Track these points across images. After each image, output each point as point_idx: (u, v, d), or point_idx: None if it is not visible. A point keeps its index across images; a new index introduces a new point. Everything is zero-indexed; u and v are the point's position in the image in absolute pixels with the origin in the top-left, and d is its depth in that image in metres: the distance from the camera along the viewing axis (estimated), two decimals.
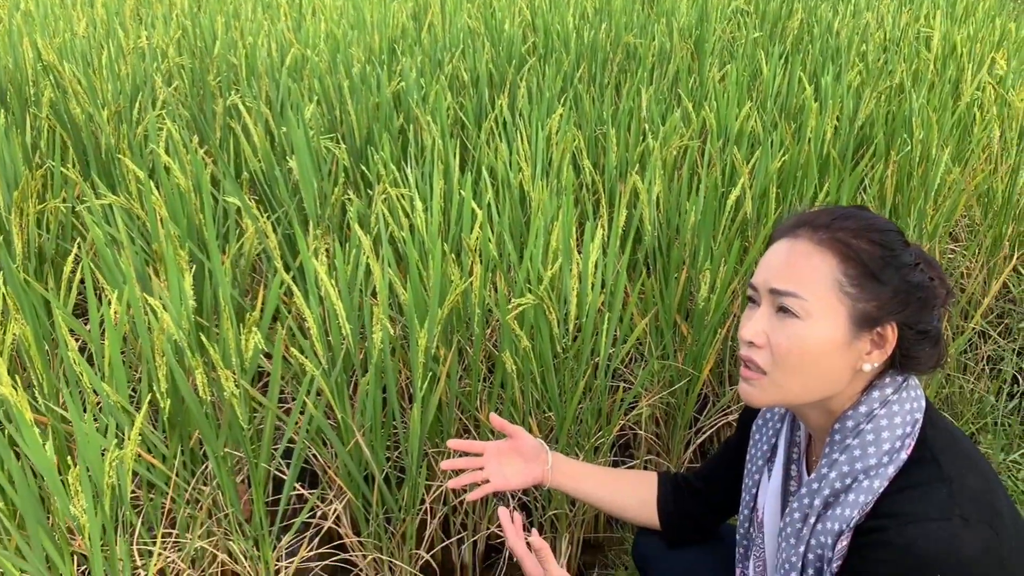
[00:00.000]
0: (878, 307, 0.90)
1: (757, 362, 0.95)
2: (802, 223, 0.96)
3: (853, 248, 0.91)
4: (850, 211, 0.96)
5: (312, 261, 1.50)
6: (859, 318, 0.91)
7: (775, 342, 0.93)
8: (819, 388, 0.94)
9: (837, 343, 0.91)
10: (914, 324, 0.92)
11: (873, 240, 0.92)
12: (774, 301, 0.94)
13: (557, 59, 3.33)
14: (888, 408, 0.93)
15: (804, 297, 0.91)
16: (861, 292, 0.90)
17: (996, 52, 3.90)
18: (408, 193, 2.04)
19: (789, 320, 0.92)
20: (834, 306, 0.91)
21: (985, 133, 2.90)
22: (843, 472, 0.93)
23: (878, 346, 0.93)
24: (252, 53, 3.24)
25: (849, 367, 0.93)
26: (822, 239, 0.92)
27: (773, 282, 0.94)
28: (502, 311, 1.68)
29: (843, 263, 0.91)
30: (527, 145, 2.39)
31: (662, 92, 3.20)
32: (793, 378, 0.94)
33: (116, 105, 2.34)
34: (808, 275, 0.92)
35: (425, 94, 2.75)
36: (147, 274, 1.72)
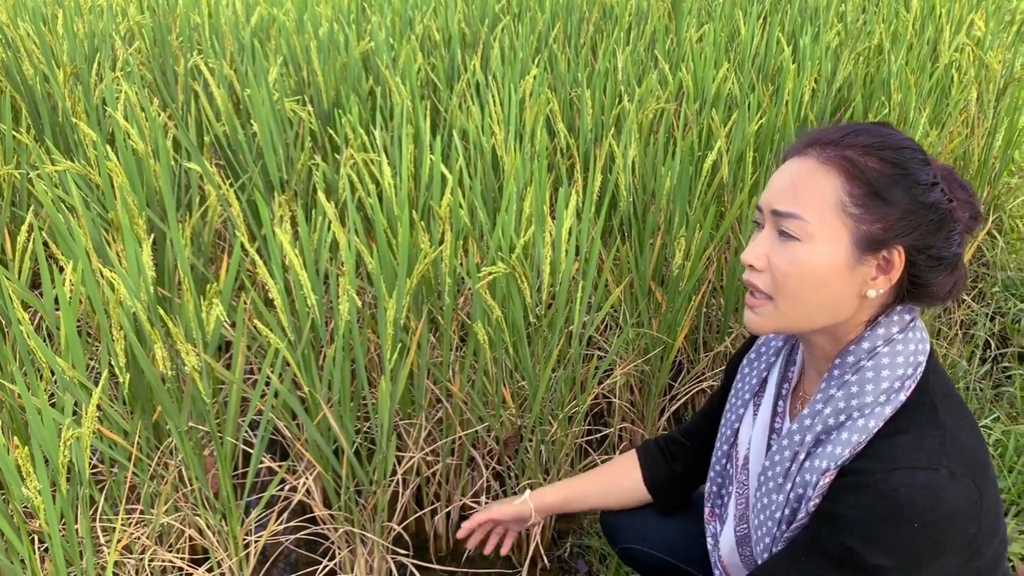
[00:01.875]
0: (883, 229, 0.86)
1: (758, 286, 0.92)
2: (813, 141, 0.91)
3: (859, 166, 0.86)
4: (866, 127, 0.91)
5: (275, 231, 1.45)
6: (863, 240, 0.86)
7: (775, 265, 0.90)
8: (823, 314, 0.90)
9: (839, 266, 0.87)
10: (925, 248, 0.87)
11: (884, 158, 0.87)
12: (776, 223, 0.90)
13: (531, 18, 3.25)
14: (891, 347, 0.90)
15: (805, 218, 0.87)
16: (865, 212, 0.86)
17: (975, 13, 3.87)
18: (376, 158, 1.98)
19: (790, 243, 0.89)
20: (836, 228, 0.87)
21: (963, 95, 2.87)
22: (838, 408, 0.90)
23: (884, 271, 0.88)
24: (216, 12, 3.12)
25: (854, 293, 0.89)
26: (828, 157, 0.88)
27: (775, 203, 0.90)
28: (473, 280, 1.64)
29: (848, 182, 0.86)
30: (500, 108, 2.33)
31: (639, 53, 3.14)
32: (795, 303, 0.90)
33: (72, 66, 2.24)
34: (810, 195, 0.88)
35: (395, 55, 2.67)
36: (105, 243, 1.66)
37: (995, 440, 1.99)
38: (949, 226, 0.87)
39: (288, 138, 2.22)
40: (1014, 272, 2.75)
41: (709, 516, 1.14)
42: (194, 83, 2.51)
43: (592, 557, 1.90)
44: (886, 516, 0.83)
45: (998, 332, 2.53)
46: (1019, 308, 2.54)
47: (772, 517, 0.96)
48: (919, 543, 0.83)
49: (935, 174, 0.87)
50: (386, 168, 1.91)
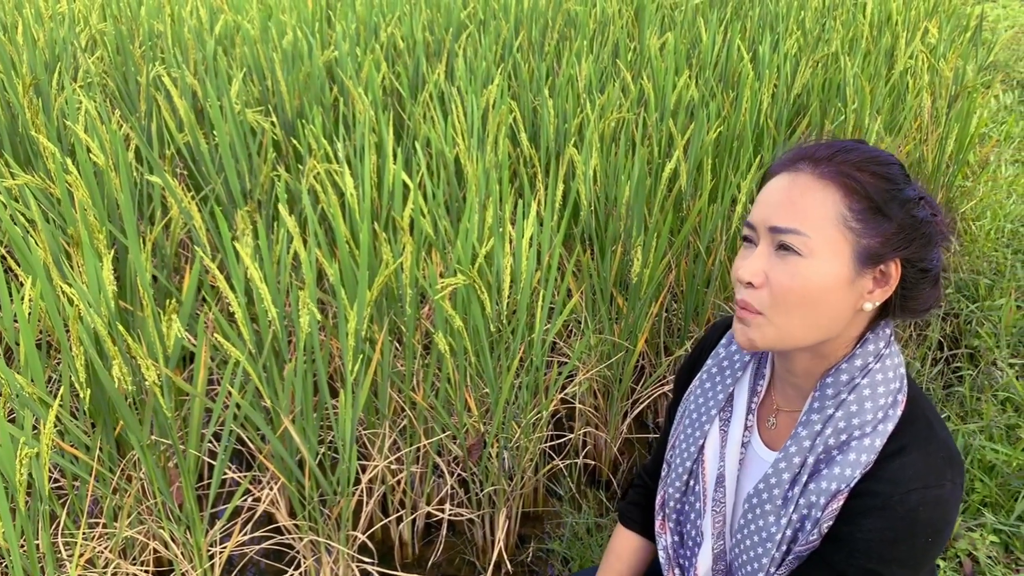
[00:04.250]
0: (883, 243, 0.87)
1: (753, 304, 0.91)
2: (802, 156, 0.92)
3: (858, 181, 0.87)
4: (850, 144, 0.92)
5: (235, 247, 1.46)
6: (863, 254, 0.87)
7: (775, 281, 0.89)
8: (820, 328, 0.90)
9: (840, 280, 0.87)
10: (917, 261, 0.89)
11: (877, 173, 0.88)
12: (774, 239, 0.89)
13: (496, 26, 3.27)
14: (881, 362, 0.91)
15: (806, 234, 0.87)
16: (866, 227, 0.87)
17: (930, 20, 3.96)
18: (339, 169, 2.00)
19: (791, 258, 0.88)
20: (838, 242, 0.87)
21: (917, 101, 2.94)
22: (839, 428, 0.90)
23: (881, 284, 0.89)
24: (179, 22, 3.12)
25: (851, 306, 0.89)
26: (824, 172, 0.88)
27: (773, 219, 0.89)
28: (433, 292, 1.67)
29: (847, 197, 0.87)
30: (463, 118, 2.36)
31: (602, 60, 3.18)
32: (793, 318, 0.89)
33: (32, 77, 2.23)
34: (810, 210, 0.87)
35: (360, 64, 2.69)
36: (65, 258, 1.66)
37: None
38: (936, 240, 0.89)
39: (251, 148, 2.23)
40: (967, 274, 2.82)
41: (660, 528, 1.12)
42: (157, 93, 2.50)
43: (555, 560, 1.94)
44: (904, 535, 0.86)
45: (950, 333, 2.60)
46: (970, 310, 2.61)
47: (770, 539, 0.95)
48: (929, 552, 0.88)
49: (917, 189, 0.90)
50: (348, 179, 1.93)
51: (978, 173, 3.52)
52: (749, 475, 1.02)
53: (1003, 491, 1.89)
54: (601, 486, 2.18)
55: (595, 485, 2.18)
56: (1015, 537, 1.79)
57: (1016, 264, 2.86)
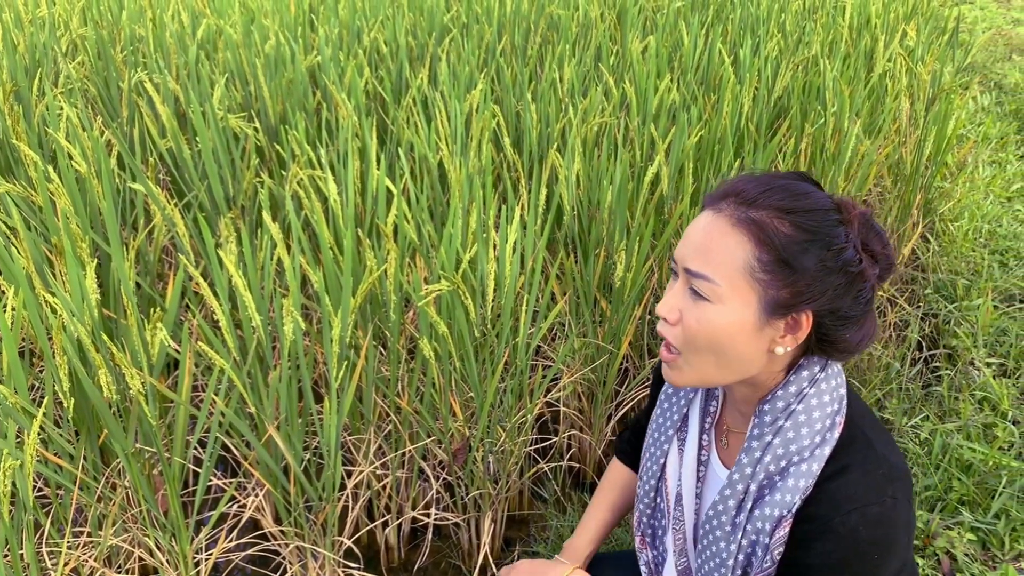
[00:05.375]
0: (791, 294, 0.87)
1: (670, 340, 0.93)
2: (730, 192, 0.91)
3: (769, 231, 0.86)
4: (783, 183, 0.90)
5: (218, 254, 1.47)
6: (771, 304, 0.87)
7: (686, 322, 0.91)
8: (733, 370, 0.92)
9: (747, 328, 0.88)
10: (832, 311, 0.88)
11: (795, 223, 0.87)
12: (688, 280, 0.91)
13: (479, 31, 3.29)
14: (817, 387, 0.92)
15: (715, 281, 0.88)
16: (773, 278, 0.86)
17: (908, 23, 4.01)
18: (322, 175, 2.00)
19: (701, 302, 0.89)
20: (745, 291, 0.87)
21: (895, 104, 2.98)
22: (778, 455, 0.91)
23: (792, 330, 0.89)
24: (161, 26, 3.11)
25: (762, 351, 0.90)
26: (740, 219, 0.88)
27: (687, 261, 0.90)
28: (417, 298, 1.68)
29: (757, 247, 0.86)
30: (447, 124, 2.37)
31: (585, 64, 3.20)
32: (705, 359, 0.91)
33: (12, 84, 2.22)
34: (721, 258, 0.88)
35: (342, 70, 2.69)
36: (48, 267, 1.66)
37: (923, 439, 2.08)
38: (858, 287, 0.88)
39: (235, 154, 2.23)
40: (945, 274, 2.86)
41: (640, 544, 1.15)
42: (139, 99, 2.49)
43: None
44: (851, 555, 0.86)
45: (929, 333, 2.64)
46: (948, 310, 2.65)
47: (724, 564, 0.96)
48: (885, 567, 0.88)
49: (847, 234, 0.87)
50: (332, 185, 1.93)
51: (956, 174, 3.57)
52: (711, 493, 1.04)
53: (980, 489, 1.92)
54: (585, 488, 2.19)
55: (580, 487, 2.20)
56: (992, 535, 1.82)
57: (993, 264, 2.90)
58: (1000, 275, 2.80)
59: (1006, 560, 1.77)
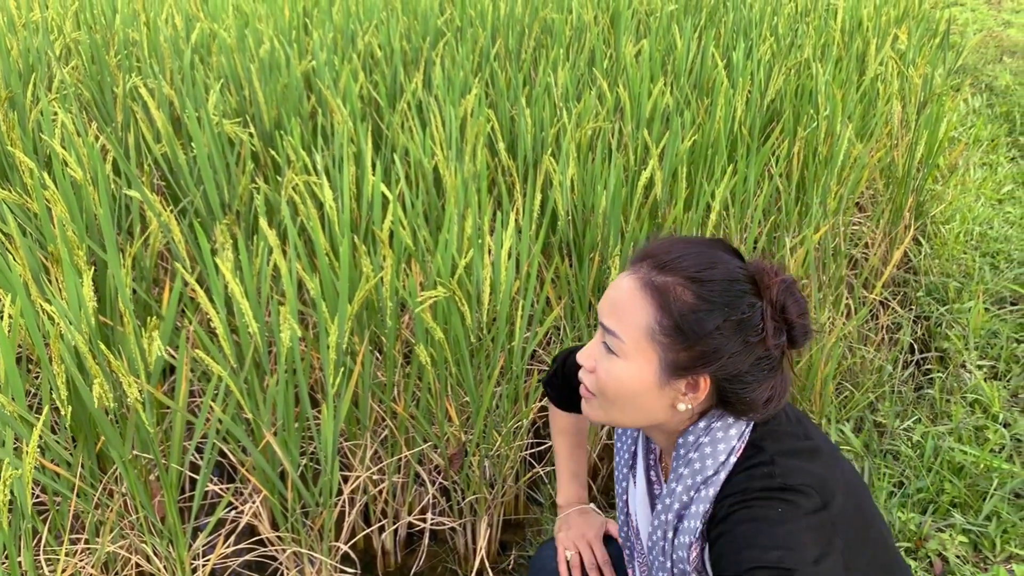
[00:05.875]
0: (690, 358, 0.92)
1: (586, 385, 1.01)
2: (647, 255, 0.97)
3: (671, 299, 0.92)
4: (696, 251, 0.95)
5: (215, 262, 1.47)
6: (670, 366, 0.93)
7: (598, 372, 0.98)
8: (642, 417, 0.98)
9: (648, 385, 0.94)
10: (731, 376, 0.92)
11: (697, 293, 0.91)
12: (603, 334, 0.98)
13: (473, 34, 3.29)
14: (724, 420, 0.96)
15: (621, 338, 0.94)
16: (672, 342, 0.92)
17: (899, 26, 4.03)
18: (318, 181, 2.01)
19: (611, 356, 0.96)
20: (647, 351, 0.93)
21: (887, 108, 3.00)
22: (688, 485, 0.97)
23: (692, 390, 0.95)
24: (155, 30, 3.10)
25: (665, 406, 0.96)
26: (648, 283, 0.93)
27: (602, 316, 0.97)
28: (413, 304, 1.68)
29: (659, 311, 0.92)
30: (442, 128, 2.37)
31: (579, 68, 3.21)
32: (614, 407, 0.98)
33: (7, 91, 2.22)
34: (628, 317, 0.94)
35: (337, 75, 2.69)
36: (44, 274, 1.66)
37: (915, 442, 2.10)
38: (758, 354, 0.92)
39: (230, 159, 2.23)
40: (937, 277, 2.88)
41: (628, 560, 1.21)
42: (133, 104, 2.50)
43: None
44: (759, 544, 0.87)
45: (921, 336, 2.65)
46: (940, 312, 2.67)
47: None
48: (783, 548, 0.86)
49: (751, 303, 0.91)
50: (327, 191, 1.94)
51: (948, 177, 3.59)
52: None
53: (972, 492, 1.94)
54: None
55: None
56: (983, 537, 1.83)
57: (984, 267, 2.92)
58: (991, 277, 2.82)
59: (997, 562, 1.78)
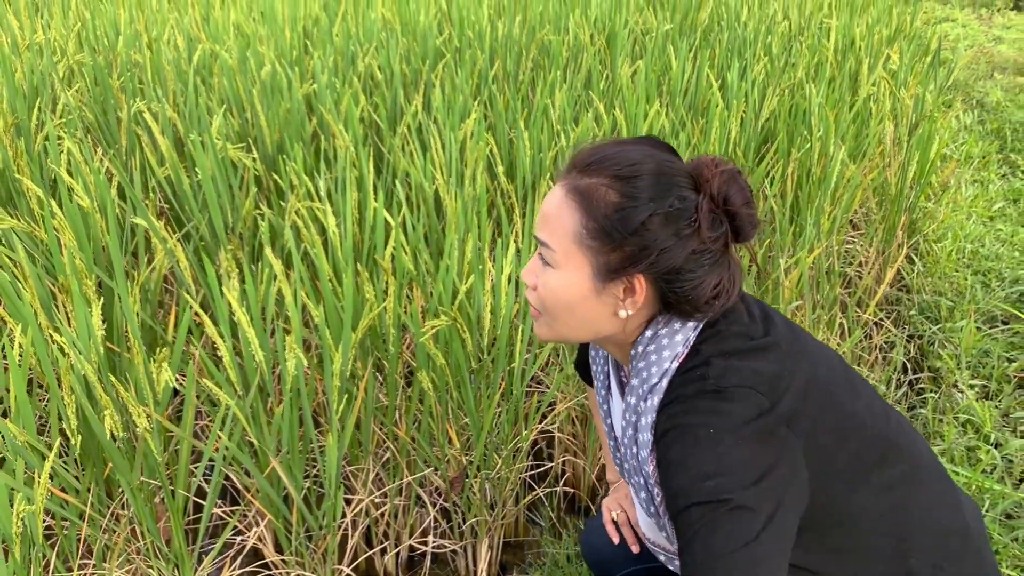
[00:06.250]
0: (620, 259, 0.90)
1: (532, 302, 0.99)
2: (571, 165, 0.95)
3: (593, 200, 0.90)
4: (618, 151, 0.92)
5: (222, 291, 1.50)
6: (602, 270, 0.91)
7: (539, 287, 0.96)
8: (585, 330, 0.97)
9: (584, 292, 0.93)
10: (666, 272, 0.89)
11: (619, 191, 0.89)
12: (539, 248, 0.96)
13: (472, 56, 3.34)
14: (670, 326, 0.94)
15: (552, 247, 0.93)
16: (600, 245, 0.90)
17: (891, 46, 4.09)
18: (321, 207, 2.04)
19: (546, 268, 0.95)
20: (577, 258, 0.92)
21: (879, 128, 3.05)
22: (639, 395, 0.94)
23: (630, 294, 0.93)
24: (157, 52, 3.14)
25: (607, 313, 0.94)
26: (573, 188, 0.92)
27: (535, 230, 0.96)
28: (416, 333, 1.72)
29: (584, 216, 0.90)
30: (442, 152, 2.41)
31: (576, 89, 3.25)
32: (558, 320, 0.97)
33: (13, 117, 2.25)
34: (555, 226, 0.93)
35: (338, 98, 2.73)
36: (53, 303, 1.69)
37: None
38: (691, 246, 0.89)
39: (233, 183, 2.27)
40: (930, 295, 2.92)
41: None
42: (137, 127, 2.53)
43: None
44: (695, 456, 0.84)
45: (915, 355, 2.69)
46: (932, 331, 2.71)
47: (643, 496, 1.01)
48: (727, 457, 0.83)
49: (683, 198, 0.89)
50: (330, 217, 1.97)
51: (940, 194, 3.64)
52: None
53: None
54: (580, 513, 2.23)
55: (575, 513, 2.24)
56: None
57: (976, 285, 2.96)
58: (983, 296, 2.86)
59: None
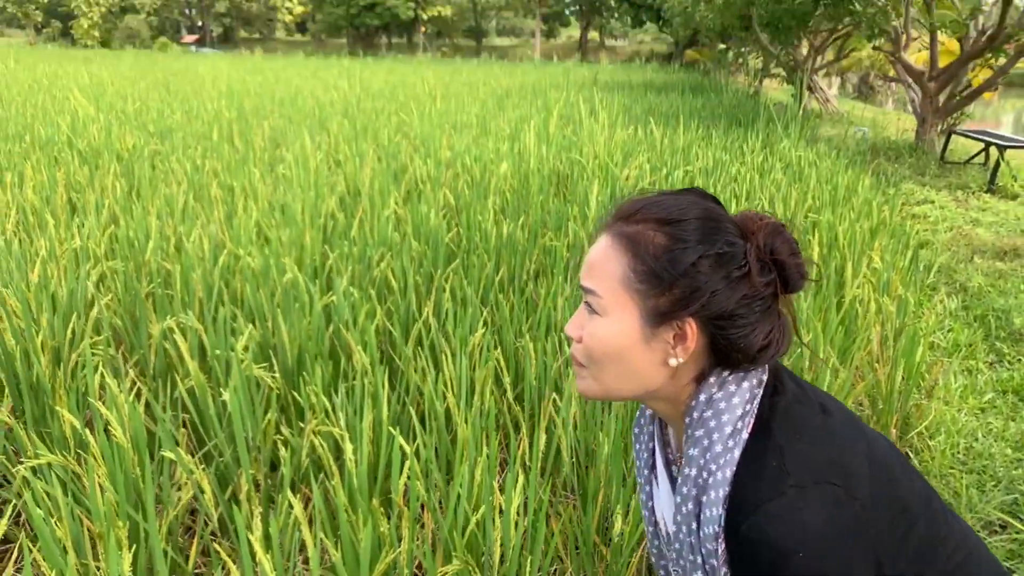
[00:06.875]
0: (669, 303, 0.88)
1: (576, 356, 0.96)
2: (615, 215, 0.95)
3: (641, 243, 0.89)
4: (663, 199, 0.93)
5: (248, 539, 1.59)
6: (651, 314, 0.89)
7: (584, 337, 0.94)
8: (633, 383, 0.93)
9: (633, 339, 0.90)
10: (717, 316, 0.88)
11: (669, 233, 0.89)
12: (584, 297, 0.95)
13: (479, 259, 3.56)
14: (725, 389, 0.91)
15: (599, 294, 0.91)
16: (649, 288, 0.89)
17: (874, 241, 4.35)
18: (341, 433, 2.16)
19: (594, 316, 0.93)
20: (626, 303, 0.90)
21: (865, 335, 3.21)
22: (700, 466, 0.90)
23: (680, 341, 0.90)
24: (184, 255, 3.37)
25: (656, 362, 0.91)
26: (620, 233, 0.92)
27: (581, 279, 0.95)
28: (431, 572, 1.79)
29: (632, 259, 0.89)
30: (452, 367, 2.56)
31: (577, 290, 3.45)
32: (605, 372, 0.93)
33: (52, 340, 2.41)
34: (602, 272, 0.91)
35: (356, 312, 2.91)
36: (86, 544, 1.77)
37: None
38: (743, 290, 0.88)
39: (255, 400, 2.39)
40: None
41: None
42: (167, 343, 2.69)
43: None
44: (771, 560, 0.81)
45: None
46: None
47: None
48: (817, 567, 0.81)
49: (731, 243, 0.89)
50: (348, 444, 2.08)
51: (931, 388, 3.76)
52: None
53: None
54: None
55: None
56: None
57: (971, 487, 3.03)
58: (979, 500, 2.93)
59: None
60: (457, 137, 7.43)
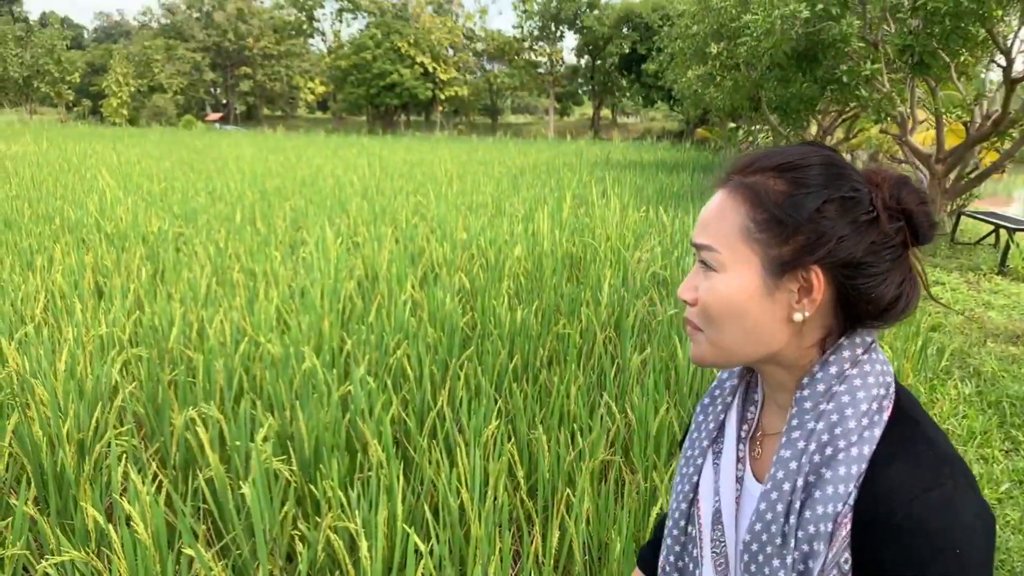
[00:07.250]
0: (792, 251, 0.84)
1: (691, 319, 0.91)
2: (729, 171, 0.92)
3: (760, 191, 0.86)
4: (781, 149, 0.90)
5: None
6: (774, 265, 0.85)
7: (700, 297, 0.89)
8: (755, 343, 0.88)
9: (755, 293, 0.86)
10: (845, 264, 0.84)
11: (791, 179, 0.85)
12: (698, 256, 0.91)
13: (493, 345, 3.63)
14: (860, 368, 0.87)
15: (717, 249, 0.88)
16: (771, 237, 0.85)
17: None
18: (356, 529, 2.19)
19: (710, 273, 0.89)
20: (746, 255, 0.86)
21: None
22: (823, 441, 0.84)
23: (806, 293, 0.86)
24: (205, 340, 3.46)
25: (780, 317, 0.87)
26: (737, 185, 0.88)
27: (695, 236, 0.91)
28: None
29: (752, 208, 0.86)
30: (466, 459, 2.60)
31: (591, 378, 3.50)
32: (724, 332, 0.88)
33: (78, 433, 2.49)
34: (719, 225, 0.88)
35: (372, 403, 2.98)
36: None
37: None
38: (871, 236, 0.84)
39: (273, 491, 2.44)
40: None
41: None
42: (188, 433, 2.75)
43: None
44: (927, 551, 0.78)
45: None
46: None
47: None
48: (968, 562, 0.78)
49: (856, 188, 0.85)
50: (363, 541, 2.12)
51: None
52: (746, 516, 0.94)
53: None
54: None
55: None
56: None
57: None
58: None
59: None
60: (473, 218, 7.60)
